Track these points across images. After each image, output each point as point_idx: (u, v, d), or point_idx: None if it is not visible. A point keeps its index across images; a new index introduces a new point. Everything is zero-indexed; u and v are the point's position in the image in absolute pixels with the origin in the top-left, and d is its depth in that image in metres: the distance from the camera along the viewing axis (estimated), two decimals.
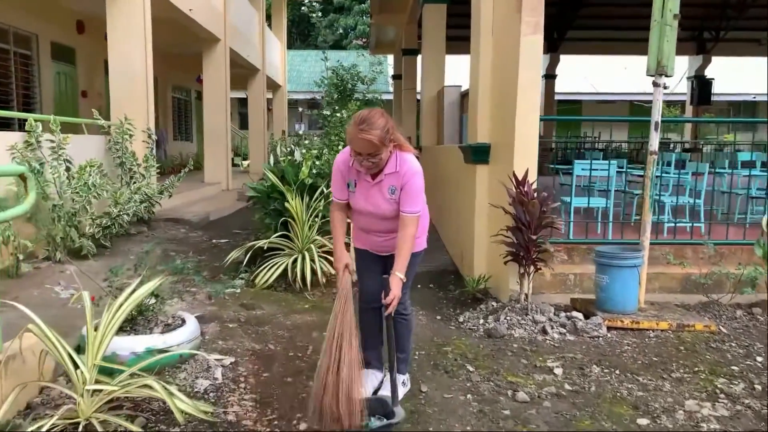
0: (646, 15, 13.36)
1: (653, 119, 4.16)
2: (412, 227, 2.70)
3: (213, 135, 12.15)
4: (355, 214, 2.90)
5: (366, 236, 2.95)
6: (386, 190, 2.74)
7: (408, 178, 2.69)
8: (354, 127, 2.60)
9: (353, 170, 2.78)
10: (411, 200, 2.71)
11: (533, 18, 4.12)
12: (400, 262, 2.68)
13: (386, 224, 2.80)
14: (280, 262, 4.95)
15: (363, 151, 2.59)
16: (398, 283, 2.64)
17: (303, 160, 5.29)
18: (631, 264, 4.05)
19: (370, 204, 2.77)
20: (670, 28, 3.99)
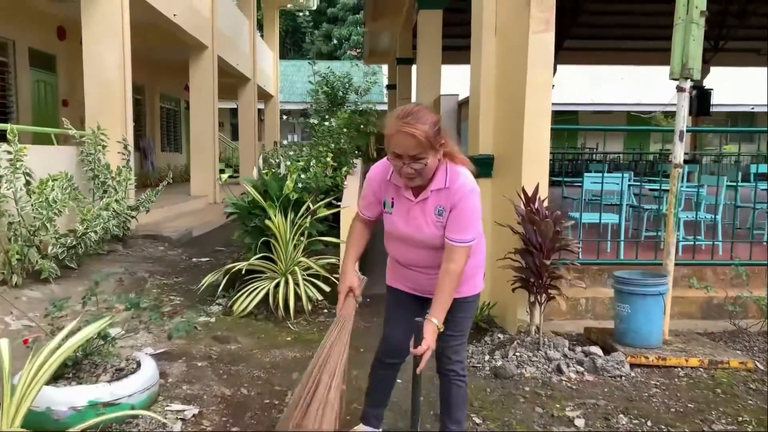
0: (643, 25, 13.04)
1: (677, 128, 3.71)
2: (461, 260, 2.12)
3: (200, 145, 11.66)
4: (391, 242, 2.34)
5: (403, 271, 2.35)
6: (432, 211, 2.16)
7: (461, 197, 2.11)
8: (395, 120, 2.05)
9: (391, 185, 2.23)
10: (462, 225, 2.12)
11: (544, 13, 3.67)
12: (439, 306, 2.11)
13: (430, 256, 2.21)
14: (261, 286, 4.45)
15: (404, 152, 2.03)
16: (434, 332, 2.08)
17: (288, 173, 4.80)
18: (656, 292, 3.58)
19: (410, 228, 2.20)
20: (697, 26, 3.55)
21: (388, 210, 2.26)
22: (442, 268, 2.14)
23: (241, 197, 5.09)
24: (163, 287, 5.22)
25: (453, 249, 2.12)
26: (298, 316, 4.39)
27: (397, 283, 2.42)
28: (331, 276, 4.50)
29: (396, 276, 2.41)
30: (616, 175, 5.79)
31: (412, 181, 2.11)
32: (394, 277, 2.43)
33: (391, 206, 2.25)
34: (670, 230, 3.72)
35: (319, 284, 4.46)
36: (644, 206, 6.15)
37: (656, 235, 5.39)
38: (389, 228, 2.29)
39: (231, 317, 4.36)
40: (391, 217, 2.26)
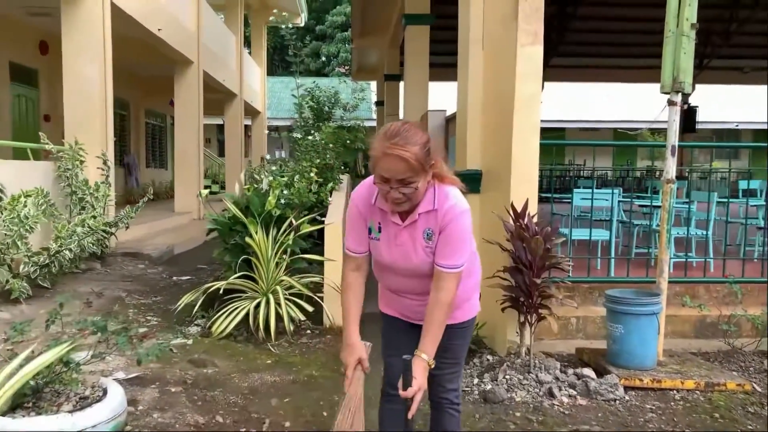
0: (630, 43, 13.10)
1: (669, 143, 3.61)
2: (451, 288, 1.95)
3: (184, 161, 11.50)
4: (380, 270, 2.15)
5: (395, 299, 2.18)
6: (421, 235, 1.98)
7: (450, 219, 1.93)
8: (381, 141, 1.86)
9: (376, 209, 2.04)
10: (451, 249, 1.94)
11: (532, 26, 3.58)
12: (428, 340, 1.93)
13: (422, 283, 2.04)
14: (241, 306, 4.28)
15: (392, 176, 1.84)
16: (425, 370, 1.90)
17: (271, 189, 4.66)
18: (650, 311, 3.46)
19: (398, 255, 2.02)
20: (688, 39, 3.48)
21: (375, 236, 2.06)
22: (431, 298, 1.96)
23: (222, 213, 4.93)
24: (140, 307, 5.03)
25: (442, 276, 1.95)
26: (280, 337, 4.22)
27: (390, 310, 2.24)
28: (315, 295, 4.35)
29: (389, 303, 2.24)
30: (606, 191, 5.70)
31: (400, 206, 1.93)
32: (387, 304, 2.26)
33: (378, 232, 2.06)
34: (663, 247, 3.61)
35: (302, 304, 4.30)
36: (634, 222, 6.06)
37: (647, 252, 5.31)
38: (376, 255, 2.09)
39: (209, 339, 4.18)
40: (378, 243, 2.06)
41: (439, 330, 1.95)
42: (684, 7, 3.45)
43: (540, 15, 3.60)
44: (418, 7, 8.92)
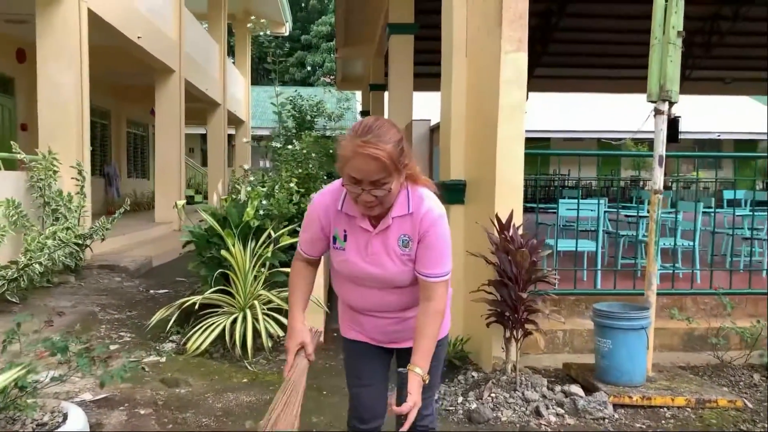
0: (613, 53, 13.17)
1: (656, 153, 3.53)
2: (442, 296, 1.81)
3: (165, 171, 11.30)
4: (343, 285, 1.94)
5: (361, 319, 1.96)
6: (396, 243, 1.81)
7: (430, 224, 1.78)
8: (352, 139, 1.69)
9: (343, 215, 1.86)
10: (436, 256, 1.80)
11: (516, 33, 3.50)
12: (422, 352, 1.77)
13: (395, 298, 1.87)
14: (217, 322, 4.12)
15: (364, 177, 1.68)
16: (419, 385, 1.73)
17: (249, 199, 4.52)
18: (639, 326, 3.36)
19: (371, 265, 1.83)
20: (674, 46, 3.41)
21: (340, 245, 1.86)
22: (421, 308, 1.81)
23: (200, 225, 4.77)
24: (113, 323, 4.85)
25: (429, 285, 1.80)
26: (258, 354, 4.06)
27: (355, 333, 2.02)
28: None
29: (352, 325, 2.01)
30: (591, 201, 5.63)
31: (371, 210, 1.76)
32: (350, 327, 2.03)
33: (343, 240, 1.85)
34: (651, 259, 3.52)
35: (280, 319, 4.14)
36: (621, 232, 5.99)
37: (634, 262, 5.23)
38: (341, 267, 1.88)
39: (184, 356, 4.02)
40: (343, 254, 1.86)
41: (432, 342, 1.79)
42: (670, 15, 3.39)
43: (524, 22, 3.52)
44: (402, 16, 8.87)
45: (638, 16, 13.65)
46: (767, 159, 17.56)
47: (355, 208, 1.82)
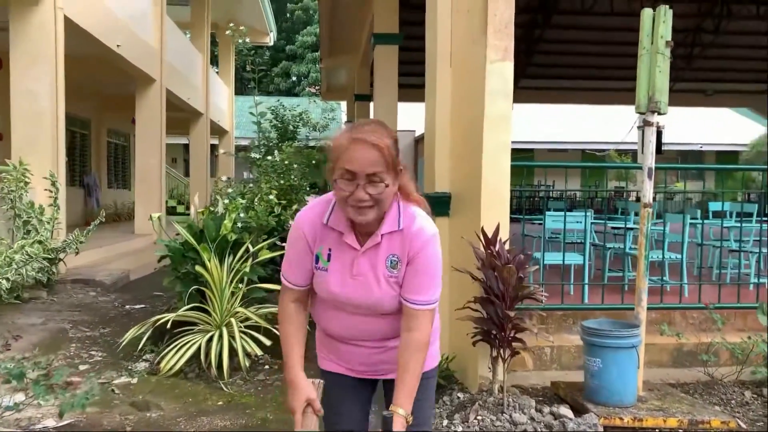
0: (597, 65, 13.25)
1: (645, 165, 3.45)
2: (426, 327, 1.66)
3: (145, 181, 11.09)
4: (323, 310, 1.77)
5: (342, 349, 1.79)
6: (384, 263, 1.66)
7: (421, 246, 1.64)
8: (347, 132, 1.60)
9: (328, 232, 1.69)
10: (424, 282, 1.66)
11: (502, 41, 3.40)
12: (404, 391, 1.61)
13: (381, 324, 1.72)
14: (193, 340, 3.95)
15: (361, 170, 1.55)
16: (402, 426, 1.57)
17: (227, 212, 4.36)
18: (629, 344, 3.25)
19: (355, 288, 1.67)
20: (663, 56, 3.33)
21: (323, 265, 1.69)
22: (403, 340, 1.65)
23: (176, 238, 4.61)
24: (84, 341, 4.65)
25: (414, 314, 1.65)
26: (234, 374, 3.89)
27: (334, 366, 1.83)
28: (273, 327, 4.04)
29: (332, 356, 1.83)
30: (578, 213, 5.54)
31: (365, 213, 1.58)
32: (328, 358, 1.84)
33: (326, 260, 1.69)
34: (642, 274, 3.42)
35: (258, 337, 3.98)
36: (608, 245, 5.91)
37: (621, 275, 5.15)
38: (323, 290, 1.71)
39: (157, 377, 3.84)
40: (326, 275, 1.69)
41: (416, 379, 1.64)
42: (658, 25, 3.31)
43: (510, 30, 3.43)
44: (386, 26, 8.81)
45: (622, 28, 13.81)
46: (761, 171, 17.71)
47: (342, 223, 1.67)
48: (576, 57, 15.66)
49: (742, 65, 16.22)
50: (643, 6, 11.98)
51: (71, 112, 12.00)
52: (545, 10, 13.09)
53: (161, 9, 11.22)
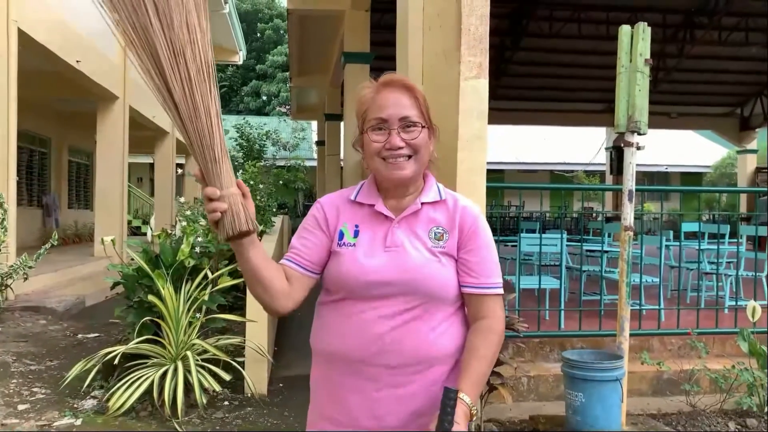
0: (566, 87, 13.42)
1: (626, 186, 3.31)
2: (501, 315, 1.40)
3: (106, 202, 10.66)
4: (338, 314, 1.39)
5: (351, 387, 1.36)
6: (426, 234, 1.39)
7: (474, 219, 1.41)
8: (371, 84, 1.42)
9: (356, 207, 1.43)
10: (492, 260, 1.41)
11: (476, 57, 3.24)
12: (472, 379, 1.31)
13: (422, 329, 1.34)
14: (145, 375, 3.64)
15: (394, 114, 1.35)
16: (465, 416, 1.26)
17: (184, 235, 4.09)
18: (613, 377, 3.07)
19: (386, 261, 1.34)
20: (642, 74, 3.21)
21: (348, 240, 1.38)
22: (478, 327, 1.36)
23: (130, 263, 4.31)
24: (27, 375, 4.28)
25: (485, 301, 1.37)
26: (191, 411, 3.59)
27: (328, 425, 1.40)
28: (234, 360, 3.76)
29: (331, 409, 1.40)
30: (554, 235, 5.40)
31: (402, 167, 1.35)
32: (324, 414, 1.43)
33: (353, 236, 1.39)
34: (624, 302, 3.25)
35: (217, 371, 3.70)
36: (584, 268, 5.78)
37: (597, 300, 5.01)
38: (345, 275, 1.35)
39: (105, 416, 3.51)
40: (352, 251, 1.37)
41: (487, 366, 1.35)
42: (637, 42, 3.20)
43: (485, 46, 3.27)
44: (357, 45, 8.68)
45: (590, 51, 14.01)
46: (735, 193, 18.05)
47: (373, 195, 1.42)
48: (545, 79, 15.84)
49: (705, 89, 16.61)
50: (609, 31, 12.25)
51: (29, 129, 11.59)
52: (515, 33, 13.21)
53: None
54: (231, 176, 1.25)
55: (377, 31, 9.49)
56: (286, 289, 1.35)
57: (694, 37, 13.72)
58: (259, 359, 3.88)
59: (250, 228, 1.25)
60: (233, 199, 1.23)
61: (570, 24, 12.88)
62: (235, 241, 1.27)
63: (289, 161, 17.91)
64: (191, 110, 1.23)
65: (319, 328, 1.44)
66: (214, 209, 1.23)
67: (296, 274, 1.39)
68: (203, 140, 1.23)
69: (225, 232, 1.24)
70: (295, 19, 9.92)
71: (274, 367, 4.20)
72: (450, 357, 1.37)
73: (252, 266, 1.30)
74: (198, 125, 1.23)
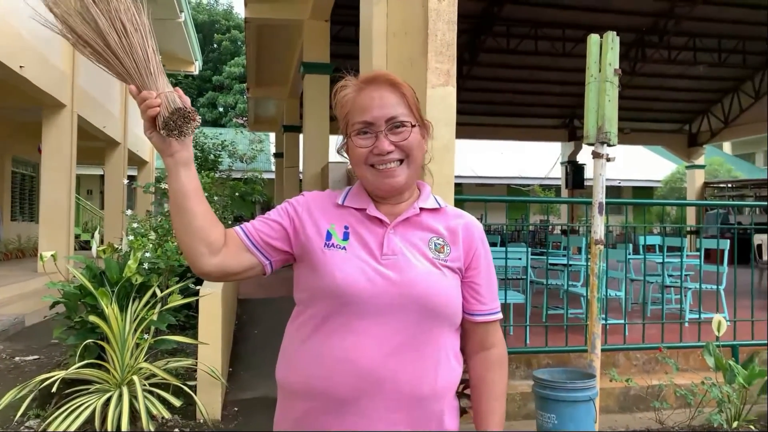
0: (523, 103, 13.65)
1: (596, 199, 3.23)
2: (503, 342, 1.31)
3: (52, 214, 10.14)
4: (324, 334, 1.16)
5: (329, 426, 1.14)
6: (425, 243, 1.22)
7: (480, 234, 1.28)
8: (352, 81, 1.26)
9: (344, 211, 1.25)
10: (494, 282, 1.29)
11: (444, 65, 3.13)
12: (496, 419, 1.23)
13: (423, 356, 1.15)
14: (87, 402, 3.34)
15: (380, 114, 1.19)
16: None
17: (132, 251, 3.82)
18: (587, 397, 2.96)
19: (387, 272, 1.16)
20: (611, 84, 3.16)
21: (337, 242, 1.19)
22: (480, 359, 1.26)
23: (72, 280, 4.00)
24: None
25: (488, 328, 1.26)
26: None
27: None
28: (184, 384, 3.50)
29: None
30: (516, 248, 5.33)
31: (393, 174, 1.19)
32: None
33: (342, 238, 1.20)
34: (595, 319, 3.16)
35: (166, 397, 3.43)
36: (543, 281, 5.72)
37: (561, 314, 4.95)
38: (332, 283, 1.15)
39: None
40: (342, 257, 1.17)
41: (504, 403, 1.27)
42: (606, 52, 3.14)
43: (452, 53, 3.17)
44: (317, 55, 8.54)
45: (546, 67, 14.24)
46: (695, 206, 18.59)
47: (363, 199, 1.24)
48: (502, 94, 16.04)
49: (656, 106, 17.11)
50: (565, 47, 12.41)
51: None
52: (473, 48, 13.32)
53: None
54: (168, 86, 1.20)
55: (337, 43, 9.38)
56: (215, 243, 1.18)
57: (645, 55, 14.12)
58: (213, 382, 3.63)
59: (185, 106, 1.16)
60: (168, 94, 1.17)
61: (527, 40, 13.07)
62: (170, 153, 1.16)
63: (246, 173, 17.55)
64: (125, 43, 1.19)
65: (291, 356, 1.21)
66: (148, 104, 1.14)
67: (238, 241, 1.22)
68: (138, 63, 1.19)
69: (161, 119, 1.15)
70: (253, 28, 9.72)
71: (228, 389, 3.95)
72: (450, 391, 1.22)
73: (181, 188, 1.16)
74: (133, 55, 1.19)
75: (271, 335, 5.76)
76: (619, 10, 12.23)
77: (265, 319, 6.55)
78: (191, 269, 1.23)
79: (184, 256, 1.20)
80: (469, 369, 1.28)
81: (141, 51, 1.18)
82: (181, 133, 1.17)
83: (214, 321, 3.68)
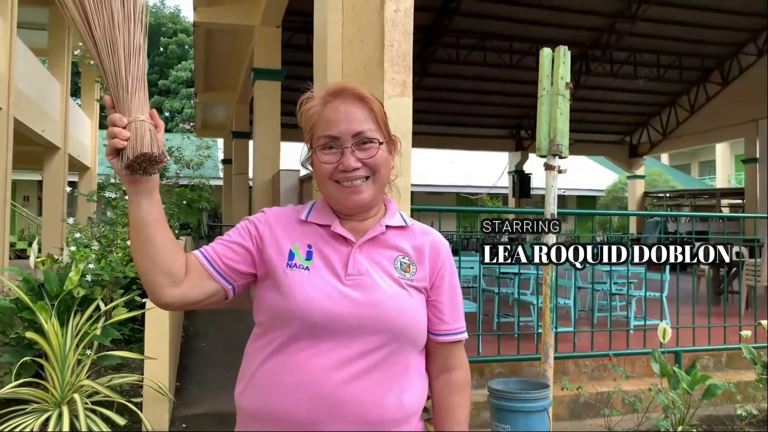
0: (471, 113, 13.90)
1: (548, 210, 3.29)
2: (467, 364, 1.27)
3: None
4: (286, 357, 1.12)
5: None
6: (390, 263, 1.19)
7: (446, 255, 1.25)
8: (319, 94, 1.21)
9: (307, 227, 1.21)
10: (460, 302, 1.27)
11: (400, 75, 3.12)
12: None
13: (387, 380, 1.12)
14: (23, 423, 3.15)
15: (346, 129, 1.15)
16: None
17: (74, 262, 3.64)
18: (540, 407, 2.99)
19: (353, 289, 1.13)
20: (563, 98, 3.23)
21: (300, 262, 1.15)
22: (442, 382, 1.23)
23: (8, 293, 3.78)
24: None
25: (452, 349, 1.24)
26: None
27: None
28: (129, 402, 3.35)
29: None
30: (473, 258, 5.37)
31: (359, 191, 1.16)
32: None
33: (306, 257, 1.16)
34: (547, 329, 3.21)
35: (109, 415, 3.27)
36: (494, 289, 5.79)
37: (512, 322, 5.02)
38: (295, 305, 1.11)
39: None
40: (305, 278, 1.14)
41: (467, 426, 1.23)
42: (558, 66, 3.21)
43: (408, 63, 3.16)
44: (267, 61, 8.43)
45: (494, 78, 14.54)
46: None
47: (328, 215, 1.20)
48: (451, 104, 16.28)
49: (598, 117, 17.71)
50: (512, 59, 12.69)
51: None
52: (423, 58, 13.46)
53: (10, 30, 10.02)
54: (144, 106, 1.12)
55: (288, 50, 9.29)
56: (177, 274, 1.12)
57: (589, 68, 14.60)
58: (159, 398, 3.49)
59: (154, 151, 1.07)
60: (140, 125, 1.08)
61: (476, 52, 13.31)
62: (132, 181, 1.08)
63: (193, 180, 17.15)
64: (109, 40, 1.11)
65: (250, 379, 1.17)
66: (115, 135, 1.05)
67: (200, 268, 1.16)
68: (117, 69, 1.11)
69: (125, 157, 1.06)
70: (202, 32, 9.52)
71: (176, 405, 3.80)
72: (416, 413, 1.19)
73: (144, 218, 1.10)
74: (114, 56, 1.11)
75: (218, 348, 5.61)
76: (565, 25, 12.61)
77: (213, 332, 6.39)
78: (150, 299, 1.17)
79: (143, 284, 1.14)
80: (432, 392, 1.25)
81: (124, 55, 1.11)
82: (145, 172, 1.09)
83: (161, 335, 3.54)
